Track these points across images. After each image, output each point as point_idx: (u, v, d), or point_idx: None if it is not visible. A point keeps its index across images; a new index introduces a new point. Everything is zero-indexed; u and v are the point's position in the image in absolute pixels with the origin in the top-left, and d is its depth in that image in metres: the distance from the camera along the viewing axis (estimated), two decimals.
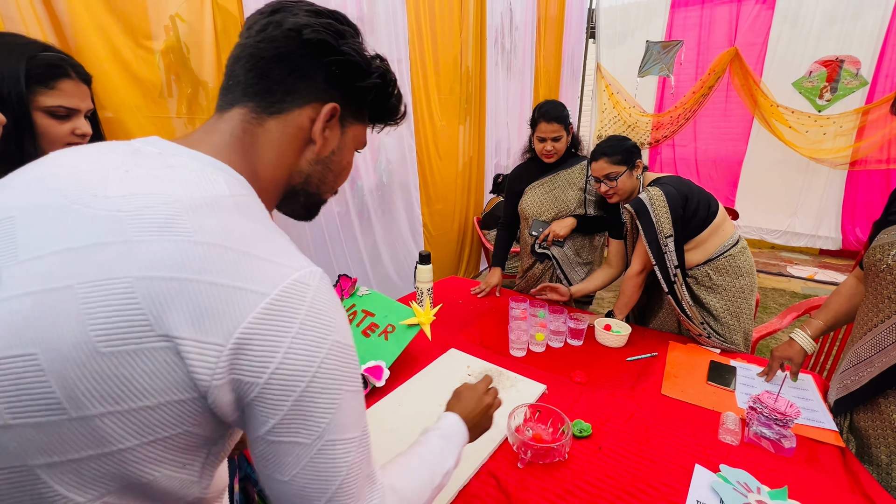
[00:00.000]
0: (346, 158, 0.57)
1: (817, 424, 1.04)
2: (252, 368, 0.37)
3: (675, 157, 5.02)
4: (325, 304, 0.41)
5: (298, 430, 0.40)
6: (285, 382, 0.38)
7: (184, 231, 0.37)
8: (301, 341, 0.38)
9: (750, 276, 1.45)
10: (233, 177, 0.45)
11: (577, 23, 4.83)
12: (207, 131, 0.48)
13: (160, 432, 0.38)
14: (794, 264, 4.29)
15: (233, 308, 0.36)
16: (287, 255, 0.41)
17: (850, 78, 3.99)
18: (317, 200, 0.58)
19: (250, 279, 0.37)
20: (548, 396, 1.15)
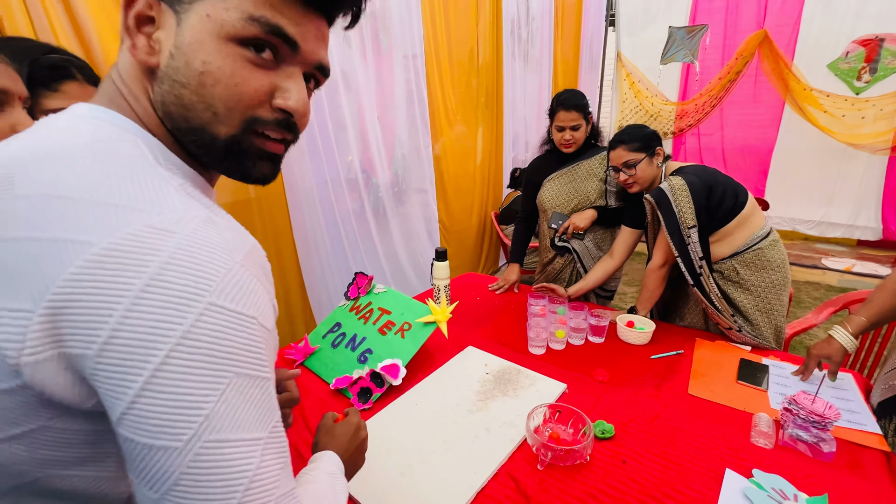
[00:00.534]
0: (197, 57, 0.36)
1: (859, 427, 0.98)
2: (79, 337, 0.29)
3: (700, 146, 4.84)
4: (201, 254, 0.31)
5: (160, 427, 0.30)
6: (128, 354, 0.29)
7: (6, 188, 0.31)
8: (150, 301, 0.29)
9: (782, 270, 1.38)
10: (110, 123, 0.37)
11: (595, 10, 4.70)
12: (107, 75, 0.41)
13: (9, 430, 0.32)
14: (829, 256, 4.09)
15: (45, 264, 0.29)
16: (150, 200, 0.32)
17: (892, 57, 3.76)
18: (208, 140, 0.39)
19: (76, 228, 0.29)
20: (568, 396, 1.12)
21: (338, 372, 1.19)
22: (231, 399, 0.31)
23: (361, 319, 1.34)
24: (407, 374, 1.16)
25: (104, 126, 0.36)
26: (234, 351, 0.32)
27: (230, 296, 0.32)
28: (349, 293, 1.44)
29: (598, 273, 1.63)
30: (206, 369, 0.31)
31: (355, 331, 1.31)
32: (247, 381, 0.33)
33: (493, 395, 1.11)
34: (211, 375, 0.31)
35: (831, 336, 1.12)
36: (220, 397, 0.31)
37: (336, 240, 2.36)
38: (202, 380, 0.30)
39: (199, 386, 0.30)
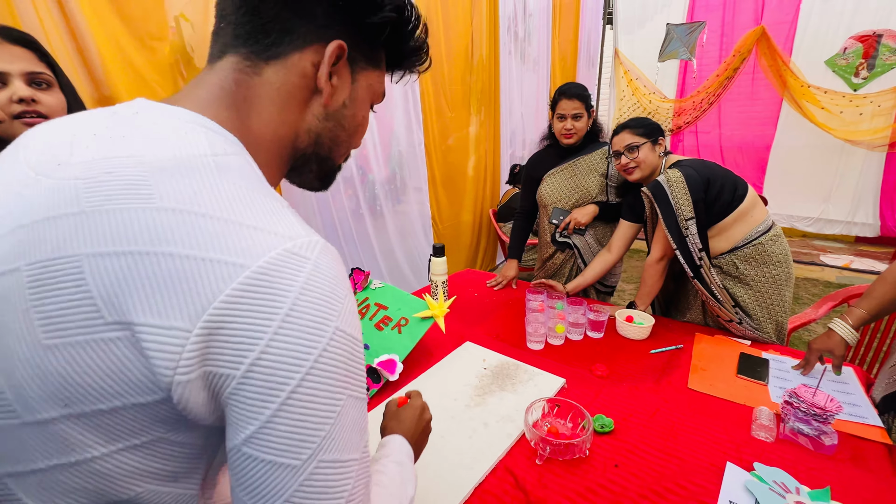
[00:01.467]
0: (360, 112, 0.48)
1: (860, 420, 0.97)
2: (227, 357, 0.30)
3: (698, 143, 4.85)
4: (328, 281, 0.33)
5: (286, 446, 0.31)
6: (270, 376, 0.30)
7: (146, 197, 0.31)
8: (292, 326, 0.31)
9: (784, 265, 1.36)
10: (218, 134, 0.38)
11: (593, 8, 4.70)
12: (195, 85, 0.42)
13: (130, 439, 0.32)
14: (827, 252, 4.09)
15: (202, 284, 0.29)
16: (280, 222, 0.33)
17: (889, 53, 3.76)
18: (330, 166, 0.50)
19: (225, 249, 0.30)
20: (567, 391, 1.11)
21: None
22: (343, 421, 0.34)
23: (358, 315, 1.32)
24: (404, 370, 1.15)
25: (215, 138, 0.37)
26: (350, 374, 0.34)
27: (349, 321, 0.34)
28: None
29: (596, 268, 1.62)
30: (330, 392, 0.32)
31: None
32: (355, 404, 0.35)
33: (491, 391, 1.09)
34: (332, 398, 0.33)
35: (831, 329, 1.11)
36: (336, 419, 0.33)
37: (333, 237, 2.34)
38: (325, 402, 0.32)
39: (323, 408, 0.32)
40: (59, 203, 0.31)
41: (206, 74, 0.42)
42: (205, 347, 0.30)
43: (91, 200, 0.31)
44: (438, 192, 3.01)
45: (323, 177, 0.51)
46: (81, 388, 0.30)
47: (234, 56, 0.41)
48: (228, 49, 0.42)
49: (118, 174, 0.32)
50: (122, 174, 0.32)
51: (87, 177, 0.32)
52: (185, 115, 0.38)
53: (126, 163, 0.32)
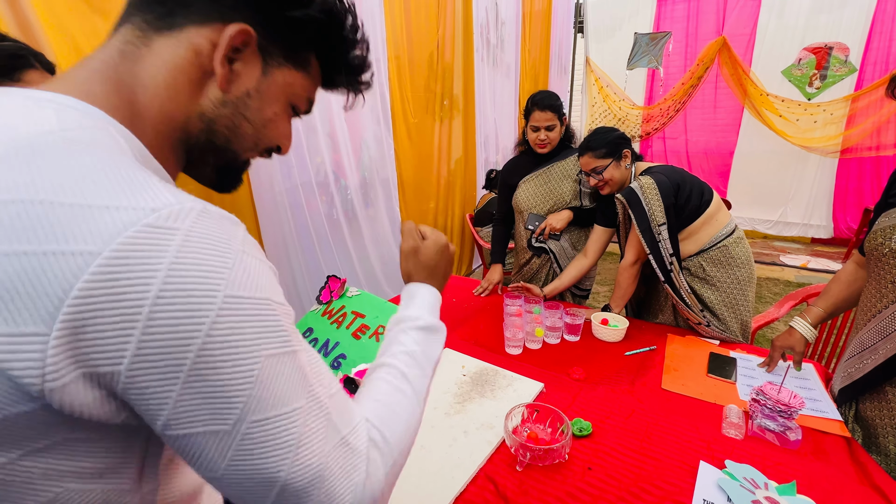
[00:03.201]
0: (270, 108, 0.44)
1: (821, 414, 1.02)
2: (103, 354, 0.28)
3: (665, 149, 5.02)
4: (206, 249, 0.30)
5: (207, 416, 0.31)
6: (160, 362, 0.29)
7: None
8: (168, 305, 0.28)
9: (747, 267, 1.43)
10: (75, 109, 0.34)
11: (564, 17, 4.81)
12: (77, 65, 0.38)
13: (29, 445, 0.30)
14: (787, 253, 4.30)
15: (48, 281, 0.26)
16: (140, 194, 0.30)
17: (839, 65, 4.00)
18: (230, 158, 0.45)
19: (70, 237, 0.27)
20: (546, 395, 1.12)
21: None
22: (266, 380, 0.33)
23: (334, 324, 1.30)
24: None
25: (69, 112, 0.33)
26: (258, 336, 0.32)
27: (242, 284, 0.32)
28: (321, 297, 1.40)
29: (572, 272, 1.65)
30: (238, 357, 0.31)
31: (328, 336, 1.27)
32: (277, 360, 0.34)
33: (470, 397, 1.09)
34: (243, 362, 0.31)
35: (792, 327, 1.17)
36: (255, 382, 0.32)
37: (307, 244, 2.30)
38: (235, 368, 0.31)
39: (234, 374, 0.31)
40: None
41: (95, 52, 0.39)
42: (72, 348, 0.27)
43: None
44: (408, 198, 3.01)
45: (221, 170, 0.46)
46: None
47: (126, 26, 0.39)
48: (125, 20, 0.39)
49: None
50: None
51: None
52: (42, 94, 0.34)
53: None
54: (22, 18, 1.27)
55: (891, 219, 0.97)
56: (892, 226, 0.96)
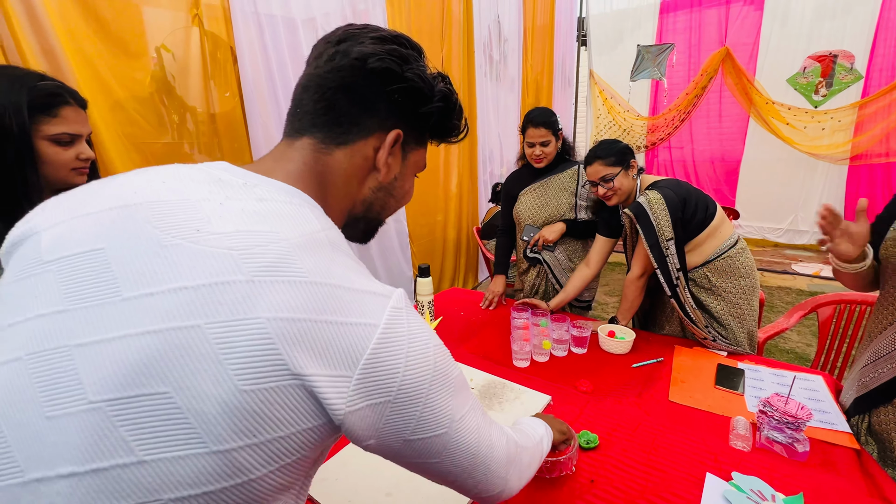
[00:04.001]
0: (407, 183, 0.58)
1: (830, 426, 1.02)
2: (382, 389, 0.39)
3: (671, 159, 5.03)
4: (416, 317, 0.44)
5: (437, 424, 0.43)
6: (412, 391, 0.41)
7: (297, 272, 0.38)
8: (414, 353, 0.41)
9: (750, 276, 1.43)
10: (317, 209, 0.46)
11: (567, 31, 4.88)
12: (278, 159, 0.49)
13: (286, 458, 0.39)
14: (798, 261, 4.25)
15: (353, 342, 0.38)
16: (376, 284, 0.43)
17: (845, 72, 4.00)
18: (375, 224, 0.59)
19: (360, 313, 0.39)
20: (553, 407, 1.13)
21: None
22: (457, 391, 0.46)
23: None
24: None
25: (318, 214, 0.46)
26: (450, 364, 0.45)
27: (433, 334, 0.45)
28: None
29: (575, 283, 1.66)
30: (446, 381, 0.44)
31: None
32: (456, 376, 0.46)
33: None
34: (448, 384, 0.44)
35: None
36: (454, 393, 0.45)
37: None
38: (446, 389, 0.44)
39: (446, 392, 0.44)
40: (223, 270, 0.37)
41: (287, 150, 0.50)
42: (363, 385, 0.39)
43: (251, 270, 0.37)
44: (414, 211, 3.05)
45: (367, 232, 0.60)
46: (269, 422, 0.36)
47: (311, 139, 0.50)
48: (306, 132, 0.50)
49: (267, 249, 0.38)
50: (271, 248, 0.38)
51: (241, 248, 0.38)
52: (289, 189, 0.46)
53: (269, 238, 0.39)
54: (48, 48, 1.35)
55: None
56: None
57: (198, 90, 1.76)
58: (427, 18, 2.89)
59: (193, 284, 0.36)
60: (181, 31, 1.69)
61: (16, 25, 1.27)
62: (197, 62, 1.74)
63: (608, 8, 4.99)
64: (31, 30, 1.31)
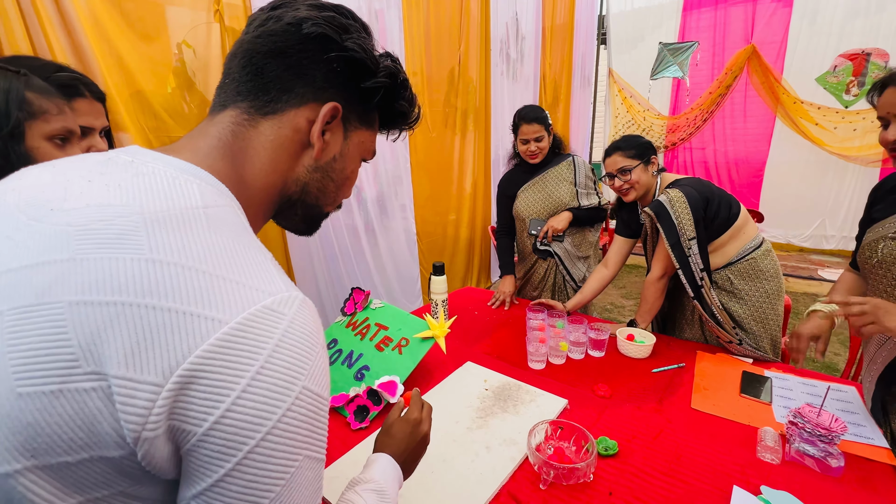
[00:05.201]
0: (349, 167, 0.52)
1: (866, 441, 0.96)
2: (193, 413, 0.30)
3: (692, 159, 4.90)
4: (302, 339, 0.34)
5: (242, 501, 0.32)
6: (231, 435, 0.30)
7: (137, 247, 0.31)
8: (261, 384, 0.31)
9: (775, 280, 1.38)
10: (210, 185, 0.40)
11: (586, 29, 4.81)
12: (194, 136, 0.44)
13: (91, 492, 0.31)
14: (825, 267, 4.11)
15: (180, 338, 0.29)
16: (261, 277, 0.35)
17: (879, 71, 3.84)
18: (317, 213, 0.53)
19: (207, 303, 0.31)
20: (569, 412, 1.10)
21: (334, 390, 1.16)
22: (295, 482, 0.34)
23: (358, 336, 1.32)
24: (405, 391, 1.13)
25: (207, 189, 0.39)
26: (310, 434, 0.34)
27: (316, 380, 0.34)
28: (346, 309, 1.42)
29: (593, 285, 1.63)
30: (286, 452, 0.33)
31: (352, 347, 1.28)
32: (310, 465, 0.35)
33: (492, 412, 1.08)
34: (288, 459, 0.33)
35: (813, 311, 1.15)
36: (288, 481, 0.33)
37: (331, 255, 2.35)
38: (280, 463, 0.32)
39: (276, 469, 0.32)
40: (49, 249, 0.31)
41: (206, 125, 0.45)
42: (173, 402, 0.30)
43: (81, 248, 0.31)
44: (425, 211, 3.04)
45: (308, 221, 0.54)
46: (50, 439, 0.29)
47: (234, 109, 0.44)
48: (230, 102, 0.45)
49: (111, 223, 0.32)
50: (116, 223, 0.32)
51: (80, 223, 0.32)
52: (180, 164, 0.39)
53: (119, 212, 0.33)
54: (77, 45, 1.37)
55: (875, 233, 1.05)
56: (875, 239, 1.04)
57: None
58: (446, 15, 2.87)
59: (17, 266, 0.31)
60: (202, 28, 1.70)
61: (46, 24, 1.29)
62: (217, 58, 1.75)
63: (629, 6, 4.89)
64: (62, 27, 1.34)
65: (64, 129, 0.79)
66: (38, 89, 0.77)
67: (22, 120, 0.74)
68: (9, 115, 0.73)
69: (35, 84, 0.77)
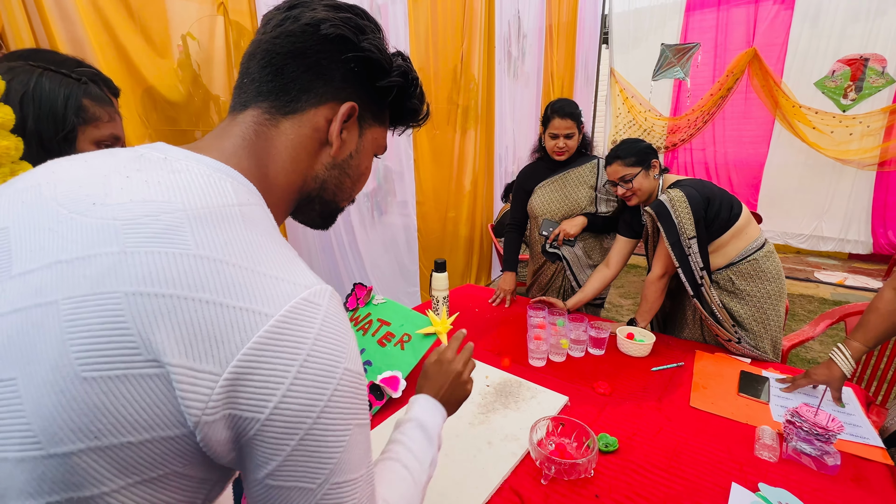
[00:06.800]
0: (364, 163, 0.54)
1: (861, 440, 0.98)
2: (252, 402, 0.32)
3: (692, 160, 4.93)
4: (337, 326, 0.36)
5: (303, 474, 0.35)
6: (290, 418, 0.33)
7: (183, 243, 0.33)
8: (309, 370, 0.33)
9: (777, 281, 1.39)
10: (241, 183, 0.41)
11: (589, 28, 4.81)
12: (218, 135, 0.45)
13: (146, 473, 0.32)
14: (822, 269, 4.14)
15: (232, 331, 0.32)
16: (294, 271, 0.37)
17: (876, 76, 3.87)
18: (333, 208, 0.55)
19: (252, 298, 0.33)
20: (570, 408, 1.11)
21: None
22: (351, 447, 0.37)
23: (360, 331, 1.32)
24: (407, 387, 1.14)
25: (239, 188, 0.40)
26: (356, 406, 0.37)
27: (353, 360, 0.37)
28: (348, 304, 1.43)
29: (594, 284, 1.63)
30: (341, 425, 0.36)
31: None
32: (361, 430, 0.39)
33: (494, 408, 1.09)
34: (343, 430, 0.36)
35: (832, 360, 1.11)
36: (345, 447, 0.37)
37: (329, 249, 2.35)
38: (337, 434, 0.36)
39: (334, 439, 0.36)
40: (99, 241, 0.32)
41: (228, 125, 0.46)
42: (231, 391, 0.32)
43: (130, 241, 0.32)
44: (426, 207, 3.04)
45: (325, 216, 0.56)
46: (115, 420, 0.30)
47: (255, 109, 0.45)
48: (251, 102, 0.46)
49: (157, 218, 0.34)
50: (160, 219, 0.34)
51: (127, 218, 0.33)
52: (212, 163, 0.41)
53: (163, 208, 0.34)
54: (77, 38, 1.37)
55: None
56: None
57: (222, 79, 1.76)
58: (450, 12, 2.87)
59: (68, 258, 0.32)
60: (206, 20, 1.69)
61: (48, 16, 1.29)
62: (221, 51, 1.75)
63: (632, 5, 4.89)
64: (61, 19, 1.33)
65: (112, 135, 0.82)
66: (93, 97, 0.79)
67: (76, 125, 0.76)
68: (66, 120, 0.75)
69: (92, 92, 0.79)
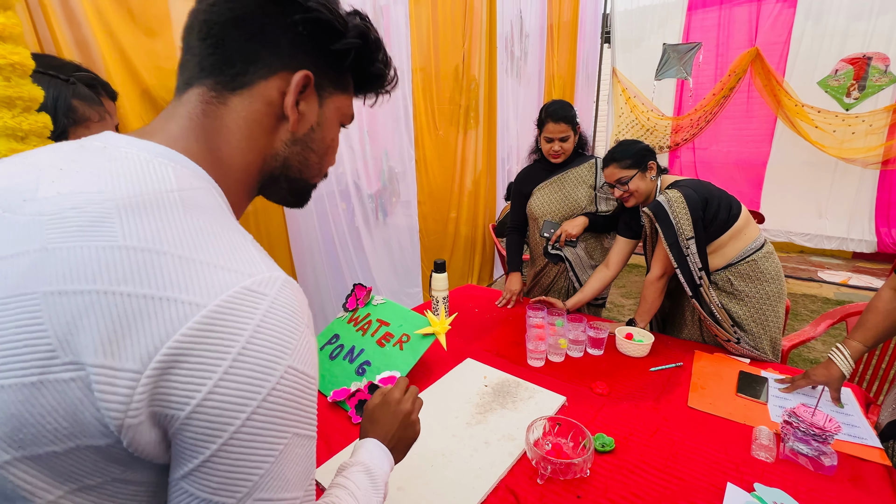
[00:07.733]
0: (328, 135, 0.49)
1: (859, 441, 0.97)
2: (175, 397, 0.30)
3: (695, 160, 4.91)
4: (285, 319, 0.33)
5: (221, 484, 0.31)
6: (215, 417, 0.30)
7: (110, 234, 0.31)
8: (244, 364, 0.31)
9: (776, 282, 1.38)
10: (186, 167, 0.38)
11: (591, 28, 4.80)
12: (164, 118, 0.42)
13: (84, 480, 0.31)
14: (825, 269, 4.11)
15: (157, 324, 0.29)
16: (241, 259, 0.34)
17: (879, 75, 3.84)
18: (303, 186, 0.51)
19: (184, 288, 0.30)
20: (567, 409, 1.11)
21: (335, 384, 1.18)
22: (284, 460, 0.34)
23: (360, 331, 1.33)
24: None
25: (183, 172, 0.37)
26: (298, 412, 0.34)
27: (301, 358, 0.34)
28: (347, 304, 1.44)
29: (595, 284, 1.63)
30: (273, 432, 0.32)
31: (353, 342, 1.30)
32: (300, 442, 0.35)
33: (492, 408, 1.10)
34: (275, 438, 0.33)
35: (831, 361, 1.11)
36: (277, 458, 0.33)
37: (331, 251, 2.36)
38: (267, 442, 0.32)
39: (263, 448, 0.32)
40: (22, 240, 0.31)
41: (173, 107, 0.42)
42: (154, 388, 0.30)
43: (53, 237, 0.31)
44: (428, 208, 3.04)
45: (296, 195, 0.52)
46: (35, 430, 0.29)
47: (199, 87, 0.42)
48: (194, 81, 0.42)
49: (83, 210, 0.32)
50: (88, 210, 0.32)
51: (52, 213, 0.32)
52: (155, 148, 0.38)
53: (92, 199, 0.32)
54: (80, 38, 1.38)
55: None
56: None
57: None
58: (450, 12, 2.87)
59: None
60: None
61: (51, 16, 1.30)
62: None
63: (634, 4, 4.88)
64: (66, 21, 1.34)
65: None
66: (83, 97, 0.80)
67: (67, 126, 0.76)
68: (56, 121, 0.75)
69: (81, 92, 0.80)
